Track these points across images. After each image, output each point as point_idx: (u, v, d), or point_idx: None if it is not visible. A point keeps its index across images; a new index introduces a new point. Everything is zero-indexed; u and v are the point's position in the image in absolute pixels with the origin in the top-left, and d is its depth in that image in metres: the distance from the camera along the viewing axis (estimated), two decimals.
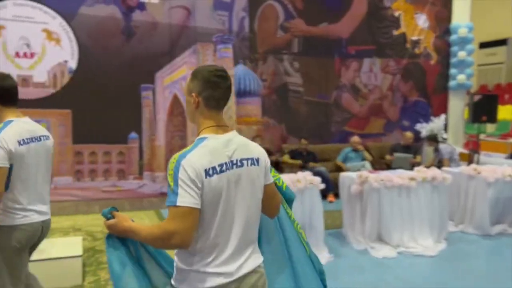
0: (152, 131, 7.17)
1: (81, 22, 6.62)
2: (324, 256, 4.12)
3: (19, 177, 2.19)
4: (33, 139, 2.28)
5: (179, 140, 7.36)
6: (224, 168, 1.48)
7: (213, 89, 1.55)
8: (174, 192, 1.42)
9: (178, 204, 1.40)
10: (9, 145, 2.12)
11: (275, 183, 1.73)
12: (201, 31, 7.26)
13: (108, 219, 1.59)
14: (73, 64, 6.63)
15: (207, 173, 1.44)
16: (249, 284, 1.53)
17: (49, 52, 6.48)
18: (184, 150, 1.51)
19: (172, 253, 1.60)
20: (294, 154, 7.01)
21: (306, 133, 7.55)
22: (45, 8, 6.41)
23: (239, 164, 1.53)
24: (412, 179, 4.62)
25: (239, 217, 1.51)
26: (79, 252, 3.50)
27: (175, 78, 7.26)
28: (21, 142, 2.19)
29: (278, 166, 6.69)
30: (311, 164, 6.80)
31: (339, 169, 6.79)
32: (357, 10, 8.16)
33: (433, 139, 7.02)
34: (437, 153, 6.80)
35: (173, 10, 7.13)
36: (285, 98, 7.91)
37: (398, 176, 4.65)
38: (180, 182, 1.41)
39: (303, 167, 6.64)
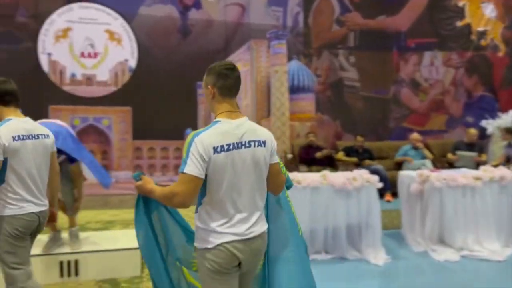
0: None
1: (140, 22, 6.86)
2: (381, 257, 3.98)
3: (14, 170, 2.34)
4: (30, 137, 2.42)
5: None
6: (231, 147, 1.75)
7: (225, 80, 1.84)
8: (184, 161, 1.72)
9: (185, 171, 1.71)
10: (3, 140, 2.28)
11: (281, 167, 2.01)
12: (255, 27, 7.27)
13: (137, 181, 1.90)
14: (132, 63, 6.89)
15: (215, 150, 1.72)
16: (254, 246, 1.82)
17: (111, 51, 6.78)
18: (200, 129, 1.78)
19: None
20: (349, 151, 6.83)
21: (362, 129, 7.34)
22: (108, 10, 6.71)
23: (247, 145, 1.80)
24: (477, 178, 4.34)
25: (245, 189, 1.79)
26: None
27: None
28: (16, 138, 2.34)
29: (332, 163, 6.55)
30: (367, 161, 6.60)
31: (397, 167, 6.53)
32: (417, 1, 7.80)
33: (510, 132, 6.48)
34: (509, 148, 6.30)
35: (228, 7, 7.19)
36: (340, 94, 7.73)
37: (462, 175, 4.39)
38: (190, 155, 1.71)
39: (358, 165, 6.45)
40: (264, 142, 1.86)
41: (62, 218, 3.63)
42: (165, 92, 6.88)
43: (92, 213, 5.43)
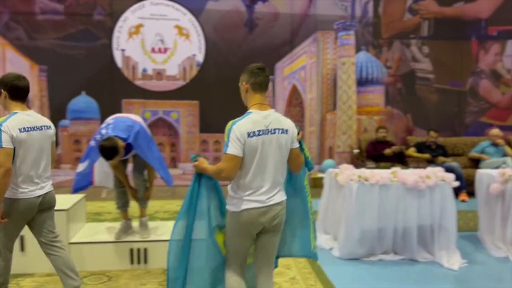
0: None
1: (208, 17, 6.97)
2: (456, 261, 3.71)
3: (21, 158, 2.63)
4: (34, 128, 2.69)
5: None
6: (261, 133, 2.19)
7: (256, 77, 2.27)
8: (226, 145, 2.17)
9: (227, 152, 2.16)
10: (11, 131, 2.56)
11: (304, 154, 2.44)
12: (322, 18, 7.10)
13: (194, 162, 2.37)
14: (200, 57, 7.02)
15: (248, 134, 2.17)
16: (274, 211, 2.27)
17: (179, 46, 6.96)
18: (237, 119, 2.22)
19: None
20: (421, 147, 6.47)
21: (436, 124, 6.92)
22: (177, 6, 6.89)
23: (272, 131, 2.22)
24: None
25: (270, 166, 2.23)
26: None
27: (295, 68, 7.24)
28: (22, 130, 2.61)
29: (402, 159, 6.24)
30: (440, 158, 6.21)
31: (473, 165, 6.08)
32: None
33: None
34: None
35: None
36: (412, 86, 7.34)
37: None
38: (230, 139, 2.16)
39: (431, 162, 6.10)
40: (286, 130, 2.27)
41: (133, 208, 3.79)
42: (231, 86, 6.86)
43: (160, 203, 5.62)
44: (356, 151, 7.06)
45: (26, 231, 3.35)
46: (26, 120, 2.67)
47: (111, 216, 5.06)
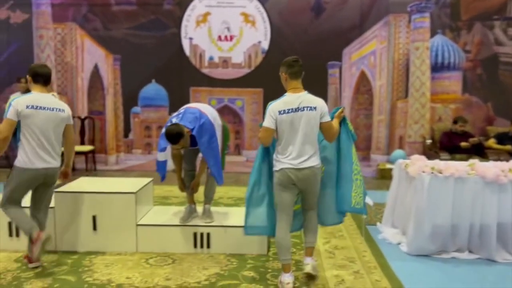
0: None
1: (274, 2, 6.87)
2: None
3: (25, 132, 3.07)
4: (44, 108, 3.11)
5: (364, 119, 7.07)
6: (290, 111, 2.84)
7: (291, 68, 2.93)
8: (264, 120, 2.89)
9: (264, 125, 2.89)
10: (18, 106, 3.03)
11: (348, 127, 3.18)
12: (395, 1, 6.71)
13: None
14: (265, 44, 6.96)
15: (279, 112, 2.85)
16: (303, 174, 2.87)
17: (245, 34, 6.95)
18: (273, 101, 2.92)
19: None
20: (502, 139, 5.94)
21: None
22: None
23: (302, 109, 2.85)
24: None
25: (299, 137, 2.85)
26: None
27: (364, 54, 6.94)
28: (29, 107, 3.06)
29: (480, 151, 5.77)
30: None
31: None
32: None
33: None
34: None
35: None
36: (494, 72, 6.74)
37: None
38: (267, 115, 2.87)
39: None
40: (315, 108, 2.88)
41: (199, 193, 3.85)
42: None
43: (224, 189, 5.69)
44: (429, 141, 6.65)
45: (98, 211, 3.55)
46: (38, 100, 3.11)
47: (178, 200, 5.21)
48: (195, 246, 3.56)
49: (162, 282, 3.04)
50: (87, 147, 6.90)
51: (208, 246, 3.56)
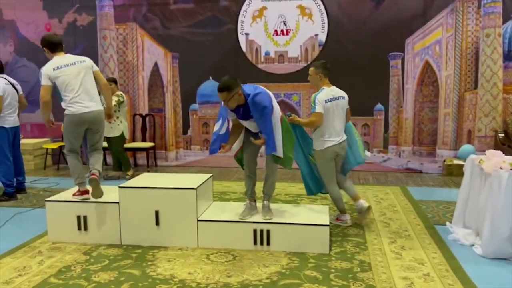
0: (399, 102, 6.73)
1: None
2: None
3: (60, 87, 3.78)
4: (68, 65, 3.79)
5: (429, 112, 6.69)
6: (332, 100, 3.84)
7: (326, 70, 3.94)
8: (314, 107, 3.79)
9: (316, 111, 3.77)
10: (47, 72, 3.76)
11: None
12: None
13: (290, 116, 3.85)
14: (323, 37, 6.78)
15: (325, 101, 3.80)
16: (342, 145, 3.94)
17: (302, 27, 6.81)
18: (316, 93, 3.86)
19: None
20: None
21: None
22: None
23: (337, 98, 3.89)
24: None
25: (337, 119, 3.89)
26: (327, 221, 3.53)
27: (428, 43, 6.56)
28: (55, 68, 3.76)
29: None
30: None
31: None
32: None
33: None
34: None
35: None
36: None
37: None
38: (317, 103, 3.78)
39: None
40: (343, 97, 3.96)
41: (258, 188, 3.80)
42: (355, 65, 6.58)
43: (282, 185, 5.63)
44: (501, 135, 6.17)
45: (160, 206, 3.60)
46: (60, 61, 3.80)
47: (236, 196, 5.21)
48: (255, 243, 3.52)
49: (224, 279, 3.02)
50: (148, 144, 7.10)
51: (268, 243, 3.50)
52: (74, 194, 3.86)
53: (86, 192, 3.82)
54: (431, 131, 6.72)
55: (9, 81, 5.19)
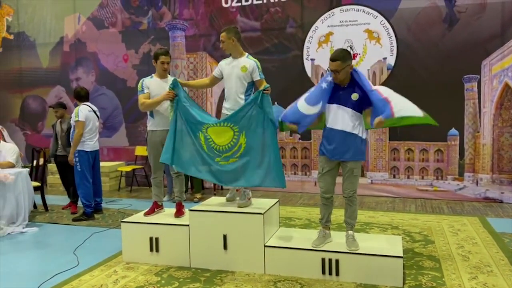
0: (475, 127, 6.34)
1: (400, 17, 6.54)
2: None
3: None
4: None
5: (509, 138, 6.23)
6: None
7: (237, 33, 3.80)
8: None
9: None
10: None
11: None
12: None
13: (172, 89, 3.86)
14: (391, 60, 6.63)
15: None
16: None
17: (370, 51, 6.72)
18: None
19: None
20: None
21: None
22: (367, 9, 6.67)
23: None
24: None
25: None
26: (400, 252, 3.36)
27: (507, 65, 6.17)
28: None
29: None
30: None
31: None
32: None
33: None
34: None
35: None
36: None
37: None
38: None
39: None
40: None
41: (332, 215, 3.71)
42: (426, 89, 6.34)
43: None
44: None
45: (228, 230, 3.63)
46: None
47: (301, 222, 5.14)
48: (323, 272, 3.42)
49: None
50: None
51: (337, 274, 3.39)
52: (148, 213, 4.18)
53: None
54: None
55: (92, 108, 5.60)
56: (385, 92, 3.38)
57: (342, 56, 3.33)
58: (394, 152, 6.78)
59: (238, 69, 3.78)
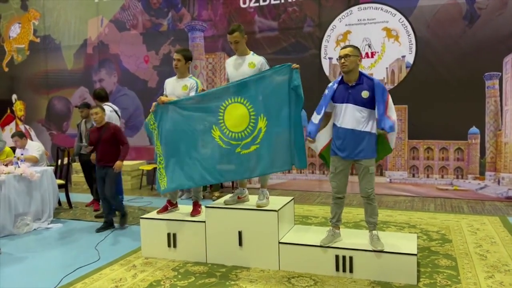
0: (497, 125, 6.22)
1: (419, 14, 6.48)
2: None
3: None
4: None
5: None
6: None
7: (243, 31, 3.88)
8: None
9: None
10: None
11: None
12: None
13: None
14: (410, 58, 6.58)
15: None
16: None
17: (388, 49, 6.68)
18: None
19: None
20: None
21: None
22: (385, 7, 6.64)
23: None
24: None
25: None
26: (414, 250, 3.35)
27: None
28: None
29: None
30: None
31: None
32: None
33: None
34: None
35: None
36: None
37: None
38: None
39: None
40: None
41: (348, 213, 3.74)
42: (446, 87, 6.27)
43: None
44: None
45: (243, 227, 3.70)
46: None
47: (318, 220, 5.17)
48: (337, 269, 3.45)
49: None
50: None
51: (351, 271, 3.41)
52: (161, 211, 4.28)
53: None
54: None
55: (113, 108, 5.76)
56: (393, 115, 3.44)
57: (354, 46, 3.47)
58: (414, 151, 6.71)
59: (245, 66, 3.86)
